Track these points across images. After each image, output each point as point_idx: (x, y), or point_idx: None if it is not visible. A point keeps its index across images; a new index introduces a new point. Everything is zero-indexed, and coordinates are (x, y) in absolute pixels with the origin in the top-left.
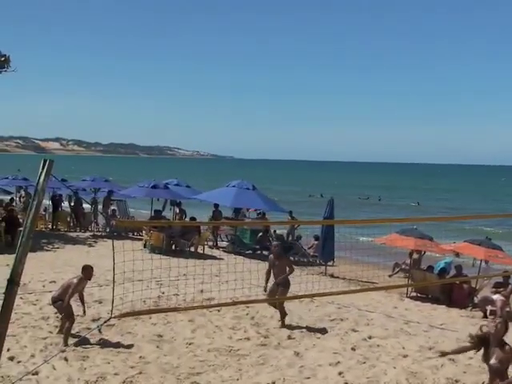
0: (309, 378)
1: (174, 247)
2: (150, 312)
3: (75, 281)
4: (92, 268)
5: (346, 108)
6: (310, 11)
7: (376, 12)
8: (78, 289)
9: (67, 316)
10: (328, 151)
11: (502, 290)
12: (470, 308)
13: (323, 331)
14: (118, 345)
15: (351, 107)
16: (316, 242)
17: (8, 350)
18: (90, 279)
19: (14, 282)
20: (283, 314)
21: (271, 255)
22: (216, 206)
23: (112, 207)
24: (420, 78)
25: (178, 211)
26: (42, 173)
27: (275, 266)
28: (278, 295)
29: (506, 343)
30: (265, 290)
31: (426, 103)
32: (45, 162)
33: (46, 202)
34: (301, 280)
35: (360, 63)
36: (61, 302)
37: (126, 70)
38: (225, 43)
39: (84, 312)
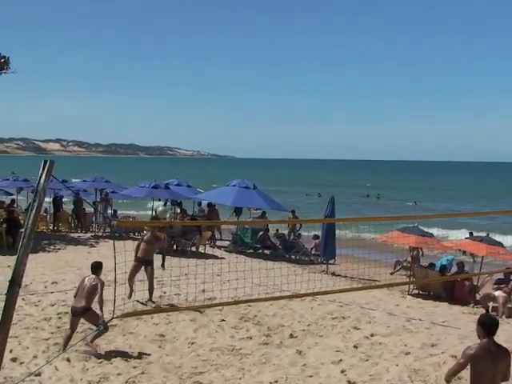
0: (311, 376)
1: (175, 247)
2: (151, 312)
3: (99, 285)
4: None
5: (347, 106)
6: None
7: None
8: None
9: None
10: (329, 150)
11: (503, 286)
12: (471, 305)
13: (325, 329)
14: (120, 345)
15: (352, 105)
16: (316, 241)
17: (10, 351)
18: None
19: (15, 283)
20: (151, 290)
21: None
22: (210, 205)
23: (109, 209)
24: (420, 73)
25: (179, 211)
26: (42, 174)
27: (144, 242)
28: (147, 275)
29: None
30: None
31: (427, 101)
32: (45, 162)
33: (47, 203)
34: (302, 278)
35: (363, 61)
36: (89, 310)
37: (126, 70)
38: (225, 42)
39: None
